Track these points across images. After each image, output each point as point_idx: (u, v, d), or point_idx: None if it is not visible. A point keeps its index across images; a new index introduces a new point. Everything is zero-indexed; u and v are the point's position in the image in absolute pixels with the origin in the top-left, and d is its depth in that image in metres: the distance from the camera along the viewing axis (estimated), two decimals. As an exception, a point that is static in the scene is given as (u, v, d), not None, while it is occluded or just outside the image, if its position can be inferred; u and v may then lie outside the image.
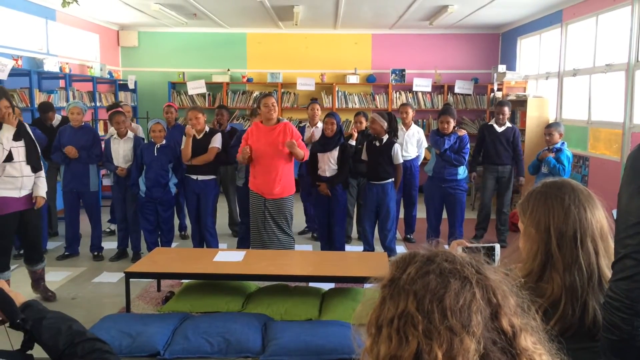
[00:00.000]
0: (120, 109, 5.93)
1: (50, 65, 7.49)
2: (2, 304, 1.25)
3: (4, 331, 1.34)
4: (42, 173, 4.61)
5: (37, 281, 4.79)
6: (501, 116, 6.30)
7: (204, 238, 5.81)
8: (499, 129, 6.40)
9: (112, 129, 5.96)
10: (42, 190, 4.58)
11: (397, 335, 0.82)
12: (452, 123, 5.47)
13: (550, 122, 7.18)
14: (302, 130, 6.40)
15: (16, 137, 4.36)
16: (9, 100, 4.33)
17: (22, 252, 5.82)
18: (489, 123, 6.56)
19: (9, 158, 4.29)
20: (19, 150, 4.37)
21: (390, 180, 5.54)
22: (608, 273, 1.47)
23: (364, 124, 6.24)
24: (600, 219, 1.48)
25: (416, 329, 0.81)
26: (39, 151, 4.57)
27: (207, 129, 5.70)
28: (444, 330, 0.80)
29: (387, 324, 0.84)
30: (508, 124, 6.41)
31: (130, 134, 5.85)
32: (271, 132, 5.01)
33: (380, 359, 0.84)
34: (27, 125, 4.54)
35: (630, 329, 1.45)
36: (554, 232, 1.44)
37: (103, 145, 5.93)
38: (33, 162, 4.46)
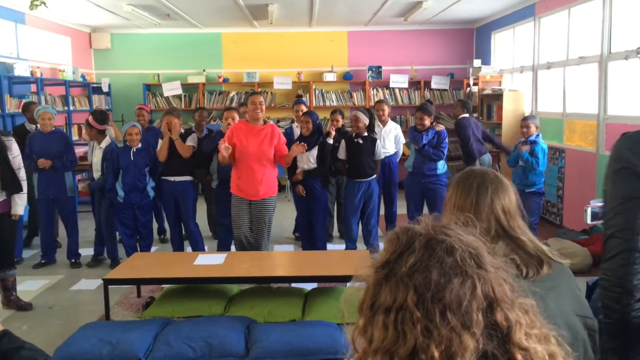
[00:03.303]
0: (88, 118, 5.82)
1: (21, 70, 7.32)
2: None
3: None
4: (23, 190, 4.55)
5: (8, 291, 4.66)
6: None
7: (190, 242, 5.73)
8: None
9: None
10: (20, 208, 4.58)
11: (395, 330, 0.80)
12: (427, 120, 5.48)
13: (526, 115, 7.25)
14: (290, 131, 6.36)
15: None
16: None
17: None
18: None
19: None
20: None
21: (374, 176, 5.56)
22: (522, 237, 1.59)
23: (341, 122, 6.23)
24: (504, 201, 1.62)
25: (414, 326, 0.79)
26: (14, 171, 4.44)
27: (182, 130, 5.62)
28: (444, 330, 0.78)
29: (383, 312, 0.82)
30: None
31: (105, 143, 5.73)
32: (259, 133, 4.92)
33: (373, 347, 0.82)
34: (8, 140, 4.45)
35: (620, 308, 1.54)
36: (454, 207, 1.64)
37: (84, 149, 5.85)
38: (7, 187, 4.38)
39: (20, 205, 4.59)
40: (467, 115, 6.84)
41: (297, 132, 6.26)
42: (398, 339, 0.79)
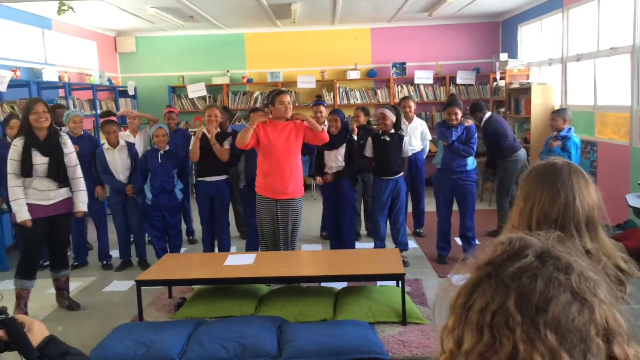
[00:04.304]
0: (111, 119, 5.83)
1: (49, 75, 7.44)
2: (17, 342, 1.25)
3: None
4: (80, 186, 4.63)
5: (61, 291, 4.76)
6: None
7: (219, 241, 5.73)
8: None
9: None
10: (82, 205, 4.65)
11: (490, 333, 0.75)
12: (460, 114, 5.40)
13: (556, 108, 7.11)
14: None
15: (45, 152, 4.37)
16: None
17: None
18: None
19: (29, 173, 4.31)
20: (46, 166, 4.39)
21: (402, 173, 5.50)
22: (595, 253, 1.44)
23: (362, 119, 6.19)
24: (589, 208, 1.47)
25: (512, 331, 0.73)
26: (69, 164, 4.54)
27: (218, 130, 5.63)
28: (543, 345, 0.72)
29: (477, 312, 0.77)
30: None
31: (122, 142, 5.76)
32: (284, 128, 4.86)
33: (465, 348, 0.77)
34: (63, 136, 4.55)
35: None
36: (537, 212, 1.47)
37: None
38: (57, 178, 4.44)
39: (81, 202, 4.64)
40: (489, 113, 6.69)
41: None
42: (494, 343, 0.74)
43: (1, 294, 1.29)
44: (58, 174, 4.43)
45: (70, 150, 4.59)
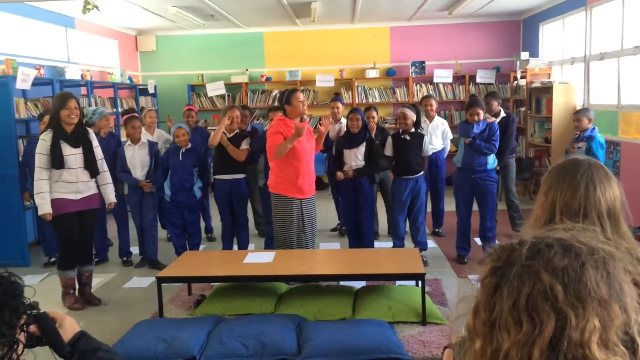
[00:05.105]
0: (135, 114, 5.88)
1: (72, 73, 7.53)
2: (49, 337, 1.26)
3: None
4: (108, 179, 4.80)
5: (84, 286, 4.82)
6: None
7: (239, 239, 5.75)
8: None
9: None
10: (112, 196, 4.85)
11: (529, 318, 0.72)
12: (482, 114, 5.34)
13: (578, 108, 7.01)
14: None
15: (74, 144, 4.47)
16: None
17: (52, 260, 5.89)
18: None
19: (60, 164, 4.40)
20: (77, 157, 4.50)
21: (422, 172, 5.48)
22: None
23: (376, 119, 6.17)
24: (610, 199, 1.49)
25: (556, 301, 0.71)
26: (96, 157, 4.66)
27: (237, 130, 5.65)
28: (594, 301, 0.70)
29: (509, 309, 0.74)
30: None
31: (144, 139, 5.79)
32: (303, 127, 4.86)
33: (504, 352, 0.73)
34: (89, 131, 4.68)
35: None
36: (559, 204, 1.49)
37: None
38: (90, 168, 4.59)
39: (111, 193, 4.82)
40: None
41: (332, 129, 6.23)
42: (535, 328, 0.71)
43: (34, 288, 1.30)
44: (91, 164, 4.57)
45: (96, 144, 4.70)
